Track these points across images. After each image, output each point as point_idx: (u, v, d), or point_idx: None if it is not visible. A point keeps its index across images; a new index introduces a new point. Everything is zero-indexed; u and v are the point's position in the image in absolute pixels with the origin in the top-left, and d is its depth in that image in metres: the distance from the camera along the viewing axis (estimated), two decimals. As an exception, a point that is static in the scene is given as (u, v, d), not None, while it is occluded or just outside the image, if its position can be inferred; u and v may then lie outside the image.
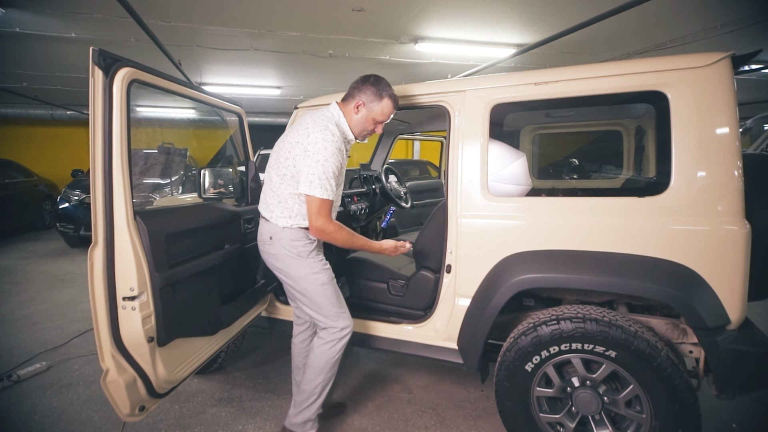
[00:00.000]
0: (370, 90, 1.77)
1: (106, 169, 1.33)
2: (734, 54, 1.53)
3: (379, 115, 1.81)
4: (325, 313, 1.82)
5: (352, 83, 1.83)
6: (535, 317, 1.75)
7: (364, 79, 1.80)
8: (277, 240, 1.78)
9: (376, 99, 1.78)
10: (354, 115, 1.80)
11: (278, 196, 1.77)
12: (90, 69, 1.28)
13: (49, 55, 5.81)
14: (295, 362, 2.09)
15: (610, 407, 1.67)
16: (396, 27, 4.83)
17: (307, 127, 1.71)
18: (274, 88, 8.32)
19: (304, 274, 1.79)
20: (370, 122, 1.82)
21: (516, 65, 6.14)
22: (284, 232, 1.77)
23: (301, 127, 1.74)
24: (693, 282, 1.54)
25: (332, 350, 1.82)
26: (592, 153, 3.46)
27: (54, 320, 3.64)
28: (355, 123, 1.81)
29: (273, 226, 1.79)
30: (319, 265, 1.83)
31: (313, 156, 1.64)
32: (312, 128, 1.69)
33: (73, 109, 9.67)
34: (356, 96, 1.79)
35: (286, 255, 1.78)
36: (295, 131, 1.75)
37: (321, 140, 1.65)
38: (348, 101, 1.82)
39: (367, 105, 1.79)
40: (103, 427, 2.17)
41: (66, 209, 6.38)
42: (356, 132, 1.84)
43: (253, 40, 5.24)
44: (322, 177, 1.63)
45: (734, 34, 4.55)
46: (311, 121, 1.74)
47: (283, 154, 1.75)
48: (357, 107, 1.79)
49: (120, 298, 1.40)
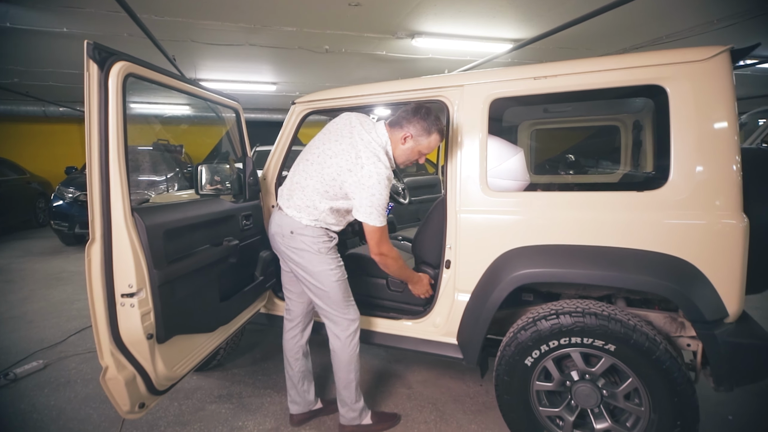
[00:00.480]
0: (420, 125, 1.77)
1: (102, 164, 1.31)
2: (733, 47, 1.53)
3: (425, 149, 1.83)
4: (337, 307, 1.90)
5: (402, 111, 1.82)
6: (534, 312, 1.75)
7: (415, 111, 1.79)
8: (299, 235, 1.82)
9: (425, 134, 1.79)
10: (400, 145, 1.81)
11: (311, 202, 1.79)
12: (85, 63, 1.26)
13: (40, 51, 5.74)
14: (288, 358, 2.10)
15: (609, 400, 1.68)
16: (393, 22, 4.80)
17: (359, 155, 1.72)
18: (269, 84, 8.26)
19: (322, 269, 1.84)
20: (415, 154, 1.84)
21: (512, 61, 6.13)
22: (307, 229, 1.82)
23: (351, 151, 1.73)
24: (692, 276, 1.55)
25: (352, 344, 1.94)
26: (591, 148, 3.47)
27: (50, 318, 3.62)
28: (400, 153, 1.83)
29: (295, 222, 1.82)
30: (336, 261, 1.89)
31: (368, 189, 1.69)
32: (365, 158, 1.71)
33: (66, 105, 9.57)
34: (405, 127, 1.79)
35: (307, 250, 1.83)
36: (345, 153, 1.74)
37: (375, 174, 1.69)
38: (396, 129, 1.81)
39: (415, 138, 1.79)
40: (102, 425, 2.16)
41: (60, 207, 6.32)
42: (400, 161, 1.86)
43: (248, 35, 5.19)
44: (379, 207, 1.72)
45: (730, 29, 4.56)
46: (363, 147, 1.74)
47: (329, 173, 1.75)
48: (404, 139, 1.80)
49: (118, 296, 1.38)
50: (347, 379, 1.96)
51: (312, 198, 1.80)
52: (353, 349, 1.94)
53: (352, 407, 2.00)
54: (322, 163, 1.78)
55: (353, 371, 1.95)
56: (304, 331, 2.12)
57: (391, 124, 1.84)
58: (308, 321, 2.13)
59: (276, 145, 2.35)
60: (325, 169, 1.76)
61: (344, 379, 1.96)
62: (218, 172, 2.14)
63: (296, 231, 1.83)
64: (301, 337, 2.10)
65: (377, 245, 1.81)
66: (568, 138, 3.68)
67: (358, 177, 1.70)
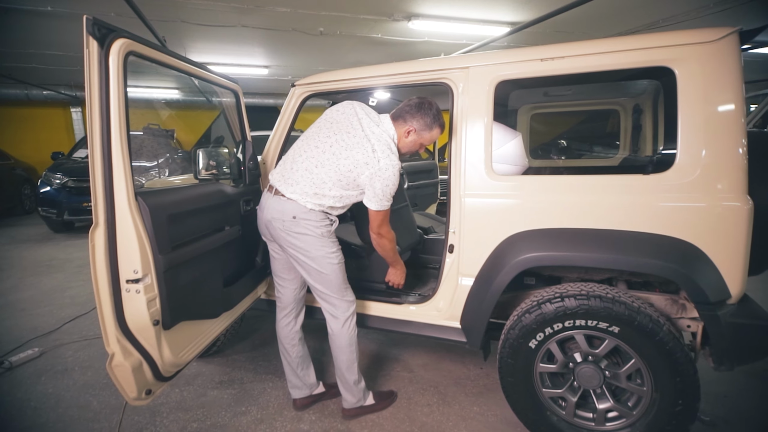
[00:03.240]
0: (424, 120, 1.83)
1: (104, 146, 1.26)
2: (742, 29, 1.52)
3: (427, 141, 1.90)
4: (335, 290, 1.93)
5: (406, 106, 1.86)
6: (538, 295, 1.76)
7: (419, 106, 1.83)
8: (303, 220, 1.82)
9: (427, 129, 1.85)
10: (404, 138, 1.87)
11: (320, 189, 1.80)
12: (84, 39, 1.21)
13: (23, 31, 5.52)
14: (284, 345, 2.11)
15: (611, 381, 1.71)
16: (389, 3, 4.71)
17: (374, 150, 1.75)
18: (261, 68, 8.10)
19: (323, 253, 1.86)
20: (417, 146, 1.91)
21: (509, 44, 6.07)
22: (311, 213, 1.82)
23: (366, 145, 1.76)
24: (696, 258, 1.56)
25: (350, 326, 1.98)
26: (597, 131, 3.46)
27: (42, 306, 3.56)
28: (403, 145, 1.88)
29: (299, 207, 1.81)
30: (335, 245, 1.92)
31: (384, 181, 1.76)
32: (380, 152, 1.75)
33: (50, 88, 9.27)
34: (408, 121, 1.84)
35: (310, 235, 1.83)
36: (360, 147, 1.76)
37: (390, 167, 1.75)
38: (399, 123, 1.86)
39: (418, 132, 1.85)
40: (102, 412, 2.14)
41: (48, 193, 6.18)
42: (402, 152, 1.91)
43: (240, 15, 5.05)
44: (388, 195, 1.80)
45: (727, 12, 4.56)
46: (376, 141, 1.77)
47: (345, 164, 1.76)
48: (408, 132, 1.85)
49: (123, 281, 1.36)
50: (349, 360, 1.98)
51: (323, 185, 1.79)
52: (352, 330, 1.98)
53: (354, 390, 2.02)
54: (338, 155, 1.78)
55: (354, 352, 1.99)
56: (298, 317, 2.13)
57: (395, 117, 1.87)
58: (301, 307, 2.14)
59: (275, 128, 2.30)
60: (341, 160, 1.77)
61: (346, 361, 1.98)
62: (216, 157, 2.10)
63: (299, 216, 1.81)
64: (295, 323, 2.11)
65: (378, 226, 1.89)
66: (568, 122, 3.68)
67: (375, 170, 1.75)
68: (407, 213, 2.81)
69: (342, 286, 1.94)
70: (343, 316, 1.95)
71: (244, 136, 2.23)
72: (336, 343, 1.98)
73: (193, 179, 2.15)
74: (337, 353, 1.99)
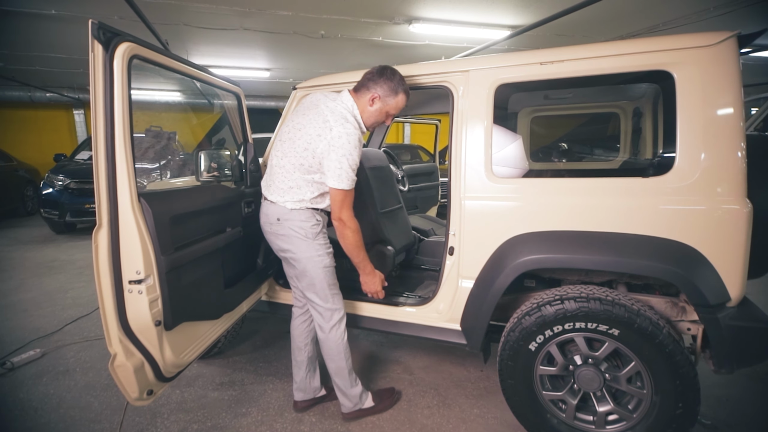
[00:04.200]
0: (387, 85, 1.79)
1: (108, 148, 1.28)
2: (740, 33, 1.53)
3: (392, 109, 1.85)
4: (319, 295, 1.88)
5: (367, 74, 1.83)
6: (538, 297, 1.77)
7: (380, 72, 1.80)
8: (285, 221, 1.79)
9: (392, 94, 1.81)
10: (368, 107, 1.82)
11: (291, 182, 1.76)
12: (90, 43, 1.22)
13: (27, 34, 5.57)
14: (296, 343, 2.11)
15: (611, 384, 1.71)
16: (390, 7, 4.74)
17: (327, 120, 1.71)
18: (263, 70, 8.14)
19: (309, 255, 1.82)
20: (383, 115, 1.86)
21: (509, 48, 6.10)
22: (293, 213, 1.79)
23: (319, 118, 1.72)
24: (696, 261, 1.57)
25: (336, 334, 1.93)
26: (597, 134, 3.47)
27: (44, 307, 3.57)
28: (368, 115, 1.83)
29: (280, 208, 1.79)
30: (324, 247, 1.87)
31: (338, 150, 1.66)
32: (333, 121, 1.70)
33: (53, 91, 9.33)
34: (372, 89, 1.80)
35: (295, 236, 1.80)
36: (313, 122, 1.73)
37: (344, 134, 1.67)
38: (362, 92, 1.82)
39: (383, 98, 1.81)
40: (104, 413, 2.15)
41: (50, 195, 6.20)
42: (368, 123, 1.86)
43: (242, 19, 5.09)
44: (348, 170, 1.69)
45: (727, 16, 4.58)
46: (329, 113, 1.73)
47: (300, 144, 1.73)
48: (372, 100, 1.81)
49: (126, 282, 1.37)
50: (338, 368, 1.95)
51: (292, 176, 1.77)
52: (338, 338, 1.92)
53: (349, 394, 2.00)
54: (293, 138, 1.76)
55: (343, 359, 1.94)
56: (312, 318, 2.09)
57: (356, 89, 1.84)
58: None
59: (277, 130, 2.32)
60: (296, 141, 1.74)
61: (334, 368, 1.96)
62: (218, 158, 2.11)
63: (283, 217, 1.80)
64: (310, 322, 2.10)
65: (339, 209, 1.76)
66: (568, 125, 3.69)
67: (328, 140, 1.68)
68: (402, 215, 2.82)
69: (326, 291, 1.87)
70: (327, 325, 1.91)
71: (245, 138, 2.25)
72: (323, 350, 1.96)
73: (194, 181, 2.16)
74: (326, 359, 1.97)
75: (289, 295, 2.41)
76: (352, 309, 2.26)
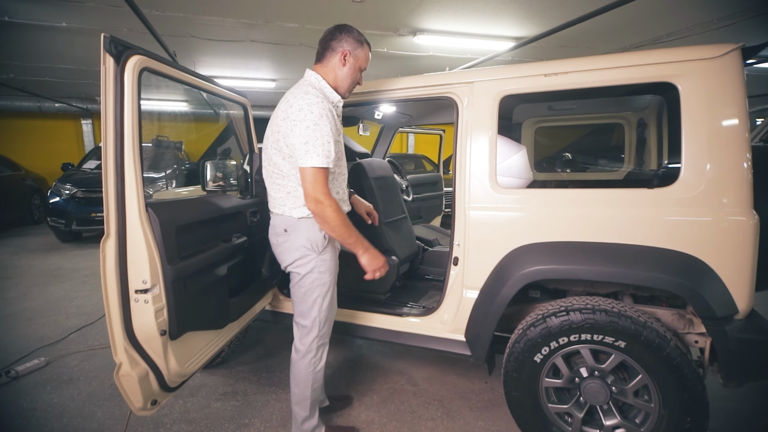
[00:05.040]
0: (351, 36, 1.67)
1: (117, 159, 1.30)
2: (744, 45, 1.54)
3: (363, 62, 1.72)
4: (306, 317, 1.74)
5: (325, 38, 1.69)
6: (544, 309, 1.76)
7: (338, 29, 1.67)
8: (293, 231, 1.68)
9: (359, 44, 1.69)
10: (341, 68, 1.68)
11: (284, 187, 1.66)
12: (101, 56, 1.25)
13: (37, 45, 5.67)
14: None
15: (618, 397, 1.69)
16: (395, 19, 4.79)
17: (287, 100, 1.61)
18: (268, 81, 8.23)
19: (310, 269, 1.69)
20: (356, 71, 1.72)
21: (513, 59, 6.14)
22: (300, 223, 1.66)
23: (283, 105, 1.62)
24: (702, 272, 1.56)
25: (308, 364, 1.76)
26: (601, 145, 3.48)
27: (49, 316, 3.58)
28: (343, 77, 1.69)
29: (287, 219, 1.69)
30: (327, 264, 1.72)
31: (301, 123, 1.50)
32: (293, 99, 1.58)
33: (62, 101, 9.47)
34: (337, 48, 1.66)
35: (302, 247, 1.67)
36: (278, 111, 1.64)
37: (305, 105, 1.52)
38: (328, 58, 1.68)
39: (353, 53, 1.68)
40: (106, 422, 2.14)
41: (57, 203, 6.25)
42: (346, 86, 1.72)
43: (249, 30, 5.16)
44: (317, 143, 1.50)
45: (730, 28, 4.59)
46: (289, 94, 1.64)
47: (274, 138, 1.62)
48: (344, 57, 1.66)
49: (132, 291, 1.38)
50: (301, 396, 1.78)
51: (282, 182, 1.66)
52: (310, 369, 1.75)
53: (301, 428, 1.83)
54: (269, 137, 1.67)
55: (309, 389, 1.77)
56: None
57: (319, 59, 1.71)
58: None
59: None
60: (271, 137, 1.65)
61: (297, 395, 1.78)
62: (224, 168, 2.13)
63: (290, 228, 1.68)
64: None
65: (312, 188, 1.51)
66: (573, 136, 3.70)
67: (291, 118, 1.53)
68: (406, 225, 2.82)
69: (315, 317, 1.72)
70: (303, 348, 1.75)
71: (251, 148, 2.27)
72: (292, 372, 1.79)
73: (200, 191, 2.18)
74: (291, 382, 1.80)
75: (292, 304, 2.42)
76: (356, 319, 2.25)
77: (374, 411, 2.22)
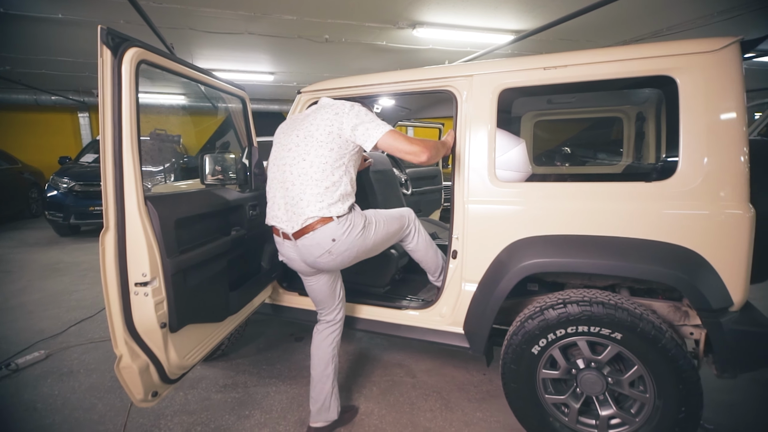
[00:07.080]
0: None
1: (116, 152, 1.30)
2: (743, 38, 1.54)
3: None
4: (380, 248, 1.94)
5: None
6: (541, 301, 1.77)
7: None
8: (342, 234, 1.68)
9: None
10: None
11: (326, 180, 1.63)
12: (99, 49, 1.24)
13: (34, 38, 5.63)
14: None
15: (614, 387, 1.71)
16: (394, 11, 4.76)
17: (332, 106, 1.73)
18: (267, 74, 8.18)
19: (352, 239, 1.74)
20: None
21: (513, 52, 6.12)
22: (341, 222, 1.67)
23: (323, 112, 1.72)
24: (698, 265, 1.57)
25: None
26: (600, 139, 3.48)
27: (49, 309, 3.60)
28: None
29: (327, 228, 1.65)
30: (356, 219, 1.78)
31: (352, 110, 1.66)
32: (335, 104, 1.73)
33: (59, 94, 9.41)
34: None
35: (355, 237, 1.73)
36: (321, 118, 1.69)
37: (348, 104, 1.70)
38: None
39: None
40: (107, 414, 2.16)
41: (55, 197, 6.24)
42: None
43: (247, 23, 5.13)
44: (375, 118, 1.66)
45: (730, 21, 4.58)
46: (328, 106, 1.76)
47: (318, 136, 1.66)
48: None
49: (132, 284, 1.38)
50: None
51: (323, 172, 1.64)
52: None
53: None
54: (306, 139, 1.69)
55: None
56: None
57: None
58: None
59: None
60: (311, 138, 1.68)
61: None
62: (223, 162, 2.13)
63: (337, 234, 1.66)
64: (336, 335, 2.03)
65: (409, 146, 1.58)
66: (572, 129, 3.70)
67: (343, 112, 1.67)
68: None
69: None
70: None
71: (250, 142, 2.26)
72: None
73: (199, 184, 2.18)
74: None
75: (291, 297, 2.43)
76: (356, 312, 2.27)
77: (373, 402, 2.24)
